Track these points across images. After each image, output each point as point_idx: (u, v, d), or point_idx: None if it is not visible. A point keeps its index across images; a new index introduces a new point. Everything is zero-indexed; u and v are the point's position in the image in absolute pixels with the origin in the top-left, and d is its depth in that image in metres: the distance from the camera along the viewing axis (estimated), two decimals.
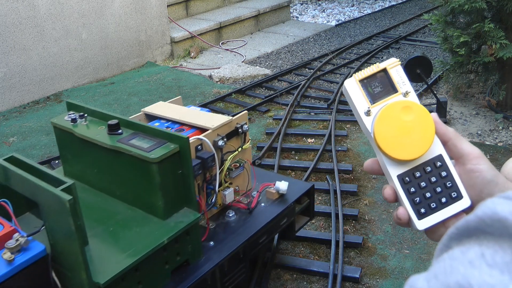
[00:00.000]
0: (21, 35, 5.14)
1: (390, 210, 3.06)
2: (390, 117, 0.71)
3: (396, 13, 8.52)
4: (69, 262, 1.58)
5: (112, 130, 1.93)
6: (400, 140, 0.71)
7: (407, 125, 0.71)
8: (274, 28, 7.74)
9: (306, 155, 3.83)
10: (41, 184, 1.53)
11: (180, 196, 1.87)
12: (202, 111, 2.29)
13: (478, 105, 4.46)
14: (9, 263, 1.49)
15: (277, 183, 2.28)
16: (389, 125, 0.71)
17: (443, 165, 0.73)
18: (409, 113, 0.71)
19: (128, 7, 6.00)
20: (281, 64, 6.13)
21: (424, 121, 0.71)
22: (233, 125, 2.17)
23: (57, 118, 2.12)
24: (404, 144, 0.71)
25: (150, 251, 1.68)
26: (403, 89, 0.73)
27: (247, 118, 2.24)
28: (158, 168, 1.76)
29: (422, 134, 0.71)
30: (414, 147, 0.71)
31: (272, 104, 4.88)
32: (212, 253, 1.95)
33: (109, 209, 1.93)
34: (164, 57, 6.50)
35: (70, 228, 1.49)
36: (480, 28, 3.83)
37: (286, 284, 2.55)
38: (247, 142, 2.25)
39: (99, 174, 2.01)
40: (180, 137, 1.80)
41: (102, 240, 1.76)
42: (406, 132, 0.70)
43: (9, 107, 5.16)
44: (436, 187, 0.73)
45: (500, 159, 3.58)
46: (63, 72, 5.55)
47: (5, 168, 1.67)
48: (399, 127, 0.71)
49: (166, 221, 1.82)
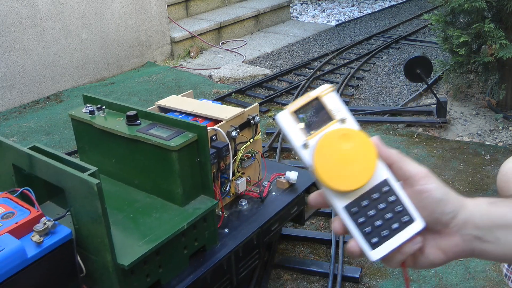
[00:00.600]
0: (21, 35, 5.17)
1: None
2: (328, 148, 0.68)
3: (396, 13, 8.57)
4: (94, 245, 1.63)
5: (131, 121, 1.99)
6: (341, 170, 0.68)
7: (347, 153, 0.68)
8: (274, 28, 7.79)
9: None
10: (69, 170, 1.58)
11: (197, 184, 1.93)
12: (214, 103, 2.36)
13: (478, 105, 4.49)
14: (38, 245, 1.54)
15: (287, 173, 2.35)
16: (328, 156, 0.68)
17: (390, 189, 0.70)
18: (348, 141, 0.68)
19: (128, 7, 6.05)
20: (281, 64, 6.18)
21: (365, 148, 0.68)
22: (245, 117, 2.23)
23: (74, 110, 2.18)
24: (346, 174, 0.68)
25: (170, 236, 1.74)
26: (338, 116, 0.70)
27: (258, 110, 2.31)
28: (177, 156, 1.82)
29: (363, 162, 0.68)
30: (356, 176, 0.68)
31: (272, 104, 4.91)
32: (227, 239, 2.01)
33: (128, 197, 1.99)
34: (164, 57, 6.55)
35: (97, 211, 1.54)
36: (480, 28, 3.87)
37: (286, 284, 2.57)
38: (258, 133, 2.32)
39: (117, 164, 2.07)
40: (198, 126, 1.86)
41: (123, 226, 1.82)
42: (347, 162, 0.68)
43: (9, 107, 5.18)
44: (386, 214, 0.70)
45: (500, 159, 3.60)
46: (63, 72, 5.58)
47: (30, 156, 1.72)
48: (339, 157, 0.68)
49: (184, 208, 1.89)
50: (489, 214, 0.70)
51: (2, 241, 1.51)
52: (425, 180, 0.70)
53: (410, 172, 0.70)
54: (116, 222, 1.82)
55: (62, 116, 4.86)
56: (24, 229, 1.59)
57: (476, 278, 2.49)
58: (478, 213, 0.71)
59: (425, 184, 0.70)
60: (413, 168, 0.71)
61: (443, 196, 0.70)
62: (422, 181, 0.70)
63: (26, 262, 1.51)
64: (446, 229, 0.71)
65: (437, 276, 2.51)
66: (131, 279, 1.67)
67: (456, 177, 3.40)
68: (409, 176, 0.70)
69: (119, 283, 1.63)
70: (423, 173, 0.70)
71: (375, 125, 4.27)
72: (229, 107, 2.29)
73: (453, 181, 3.34)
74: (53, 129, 4.57)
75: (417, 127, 4.20)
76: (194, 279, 1.82)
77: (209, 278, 1.88)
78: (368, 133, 4.04)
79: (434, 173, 0.71)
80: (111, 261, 1.60)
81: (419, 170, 0.71)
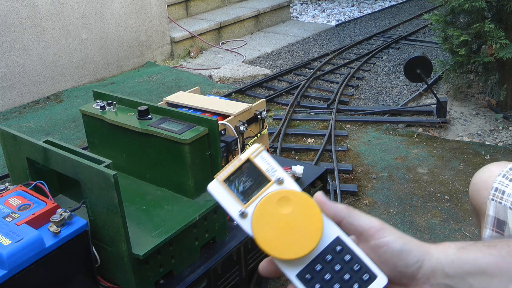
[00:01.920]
0: (21, 35, 5.19)
1: (390, 210, 3.12)
2: (266, 215, 0.63)
3: (396, 13, 8.61)
4: (110, 235, 1.66)
5: (142, 116, 2.02)
6: (285, 237, 0.62)
7: (288, 218, 0.63)
8: (274, 28, 7.84)
9: (306, 155, 3.88)
10: (85, 162, 1.61)
11: (207, 177, 1.97)
12: (222, 99, 2.39)
13: (478, 105, 4.53)
14: (55, 235, 1.58)
15: (293, 167, 2.39)
16: (268, 224, 0.63)
17: (344, 248, 0.65)
18: (287, 204, 0.63)
19: (128, 7, 6.08)
20: (281, 64, 6.22)
21: (307, 209, 0.63)
22: (252, 112, 2.28)
23: (85, 106, 2.21)
24: (290, 240, 0.62)
25: (183, 227, 1.78)
26: (275, 177, 0.66)
27: (265, 105, 2.35)
28: (189, 149, 1.86)
29: (308, 225, 0.63)
30: (303, 242, 0.62)
31: (272, 104, 4.94)
32: (237, 231, 2.05)
33: (139, 190, 2.03)
34: (164, 57, 6.58)
35: (113, 201, 1.58)
36: (480, 28, 3.91)
37: (286, 284, 2.58)
38: (265, 128, 2.36)
39: (129, 158, 2.10)
40: (209, 120, 1.90)
41: (136, 217, 1.86)
42: (290, 227, 0.62)
43: (9, 107, 5.20)
44: (344, 275, 0.64)
45: (500, 159, 3.62)
46: (63, 72, 5.60)
47: (45, 149, 1.75)
48: (280, 223, 0.63)
49: (195, 200, 1.92)
50: (459, 261, 0.66)
51: (21, 231, 1.54)
52: (380, 233, 0.65)
53: (363, 226, 0.66)
54: (129, 214, 1.85)
55: (62, 116, 4.89)
56: (41, 220, 1.62)
57: None
58: (446, 261, 0.66)
59: (381, 238, 0.65)
60: (365, 222, 0.66)
61: (404, 247, 0.65)
62: (378, 235, 0.65)
63: (44, 251, 1.54)
64: (413, 281, 0.66)
65: None
66: (145, 269, 1.70)
67: (456, 177, 3.44)
68: (362, 231, 0.66)
69: (134, 272, 1.67)
70: (377, 225, 0.66)
71: (375, 125, 4.31)
72: (236, 102, 2.33)
73: (453, 181, 3.39)
74: (53, 129, 4.59)
75: (417, 127, 4.24)
76: (206, 269, 1.86)
77: (219, 269, 1.92)
78: (368, 133, 4.12)
79: (389, 224, 0.67)
80: (127, 251, 1.63)
81: (373, 223, 0.66)
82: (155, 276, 1.75)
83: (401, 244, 0.65)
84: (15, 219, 1.60)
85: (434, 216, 3.02)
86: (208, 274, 1.87)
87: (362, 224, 0.66)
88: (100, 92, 2.26)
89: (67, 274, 1.65)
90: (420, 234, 2.84)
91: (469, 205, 3.09)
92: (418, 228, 2.89)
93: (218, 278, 1.93)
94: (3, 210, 1.65)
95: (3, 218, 1.60)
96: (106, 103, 2.17)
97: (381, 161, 3.68)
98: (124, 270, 1.69)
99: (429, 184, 3.37)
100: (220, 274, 1.93)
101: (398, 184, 3.38)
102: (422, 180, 3.41)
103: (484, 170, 1.37)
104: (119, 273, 1.72)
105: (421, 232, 2.86)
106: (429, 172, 3.51)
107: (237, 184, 0.65)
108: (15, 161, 1.92)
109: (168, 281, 1.81)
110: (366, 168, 3.61)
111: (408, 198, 3.22)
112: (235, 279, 2.03)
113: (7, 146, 1.94)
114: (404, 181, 3.42)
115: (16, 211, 1.64)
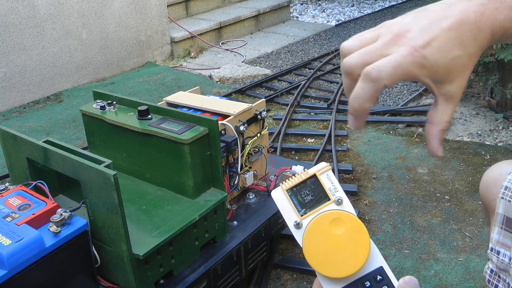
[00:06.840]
0: (21, 35, 5.19)
1: (390, 210, 3.11)
2: (318, 232, 0.65)
3: (396, 13, 8.57)
4: (110, 235, 1.67)
5: (142, 116, 2.02)
6: (330, 256, 0.65)
7: (338, 239, 0.65)
8: (274, 28, 7.83)
9: (306, 155, 3.86)
10: (85, 162, 1.62)
11: (207, 177, 1.97)
12: (222, 99, 2.39)
13: (478, 105, 4.52)
14: (55, 235, 1.58)
15: (293, 167, 2.39)
16: (318, 240, 0.65)
17: (385, 279, 0.66)
18: (340, 226, 0.66)
19: (128, 7, 6.08)
20: (281, 64, 6.21)
21: (358, 234, 0.65)
22: (252, 112, 2.28)
23: (85, 106, 2.21)
24: (335, 260, 0.65)
25: (183, 227, 1.78)
26: (335, 197, 0.68)
27: (265, 106, 2.35)
28: (189, 149, 1.86)
29: (355, 249, 0.65)
30: (346, 264, 0.65)
31: (272, 104, 4.93)
32: (237, 231, 2.05)
33: (139, 190, 2.03)
34: (164, 57, 6.58)
35: (113, 201, 1.58)
36: None
37: (286, 284, 2.57)
38: (265, 128, 2.36)
39: (128, 158, 2.11)
40: (209, 120, 1.90)
41: (136, 217, 1.86)
42: (337, 247, 0.65)
43: (9, 107, 5.19)
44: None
45: (500, 159, 3.61)
46: (63, 72, 5.60)
47: (45, 149, 1.76)
48: (329, 242, 0.65)
49: (195, 200, 1.93)
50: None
51: (21, 231, 1.54)
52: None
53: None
54: (129, 214, 1.85)
55: (62, 116, 4.89)
56: (41, 220, 1.62)
57: (476, 278, 2.51)
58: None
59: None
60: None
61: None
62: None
63: (44, 251, 1.55)
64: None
65: (437, 276, 2.54)
66: (145, 269, 1.71)
67: (456, 177, 3.44)
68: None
69: (134, 272, 1.67)
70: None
71: (375, 125, 4.31)
72: (236, 102, 2.33)
73: (453, 181, 3.38)
74: (53, 129, 4.58)
75: (417, 127, 4.24)
76: (206, 269, 1.86)
77: (219, 269, 1.92)
78: (368, 133, 4.12)
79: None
80: (127, 251, 1.64)
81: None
82: (155, 276, 1.76)
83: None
84: (15, 219, 1.60)
85: (434, 216, 3.02)
86: (208, 274, 1.87)
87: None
88: (100, 92, 2.26)
89: (67, 274, 1.65)
90: (420, 234, 2.83)
91: (470, 205, 3.09)
92: (418, 228, 2.89)
93: (218, 278, 1.93)
94: (3, 210, 1.65)
95: (3, 218, 1.61)
96: (106, 103, 2.17)
97: (381, 161, 3.68)
98: (124, 270, 1.69)
99: (429, 184, 3.37)
100: (220, 274, 1.93)
101: (398, 184, 3.38)
102: (422, 180, 3.41)
103: (495, 168, 1.37)
104: (119, 273, 1.73)
105: (421, 232, 2.86)
106: (429, 172, 3.51)
107: (298, 196, 0.68)
108: (15, 161, 1.93)
109: (168, 281, 1.82)
110: (366, 168, 3.61)
111: (408, 198, 3.22)
112: (235, 279, 2.03)
113: (7, 146, 1.94)
114: (404, 181, 3.42)
115: (16, 211, 1.64)
